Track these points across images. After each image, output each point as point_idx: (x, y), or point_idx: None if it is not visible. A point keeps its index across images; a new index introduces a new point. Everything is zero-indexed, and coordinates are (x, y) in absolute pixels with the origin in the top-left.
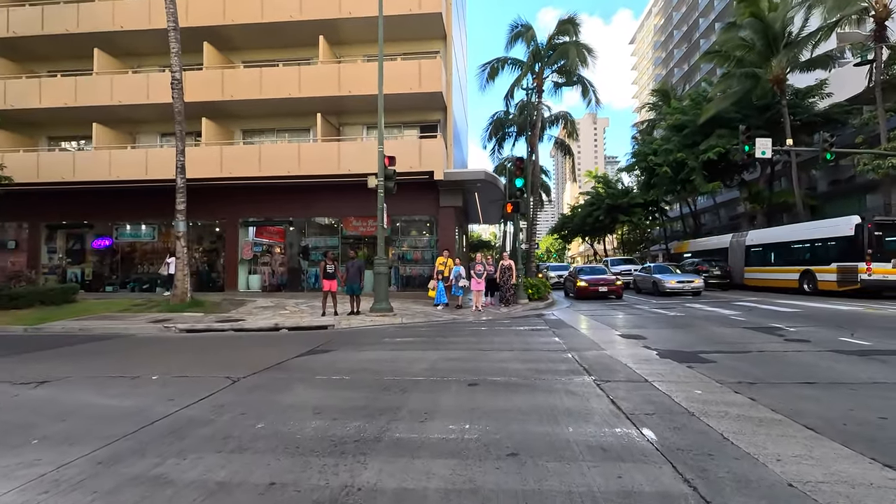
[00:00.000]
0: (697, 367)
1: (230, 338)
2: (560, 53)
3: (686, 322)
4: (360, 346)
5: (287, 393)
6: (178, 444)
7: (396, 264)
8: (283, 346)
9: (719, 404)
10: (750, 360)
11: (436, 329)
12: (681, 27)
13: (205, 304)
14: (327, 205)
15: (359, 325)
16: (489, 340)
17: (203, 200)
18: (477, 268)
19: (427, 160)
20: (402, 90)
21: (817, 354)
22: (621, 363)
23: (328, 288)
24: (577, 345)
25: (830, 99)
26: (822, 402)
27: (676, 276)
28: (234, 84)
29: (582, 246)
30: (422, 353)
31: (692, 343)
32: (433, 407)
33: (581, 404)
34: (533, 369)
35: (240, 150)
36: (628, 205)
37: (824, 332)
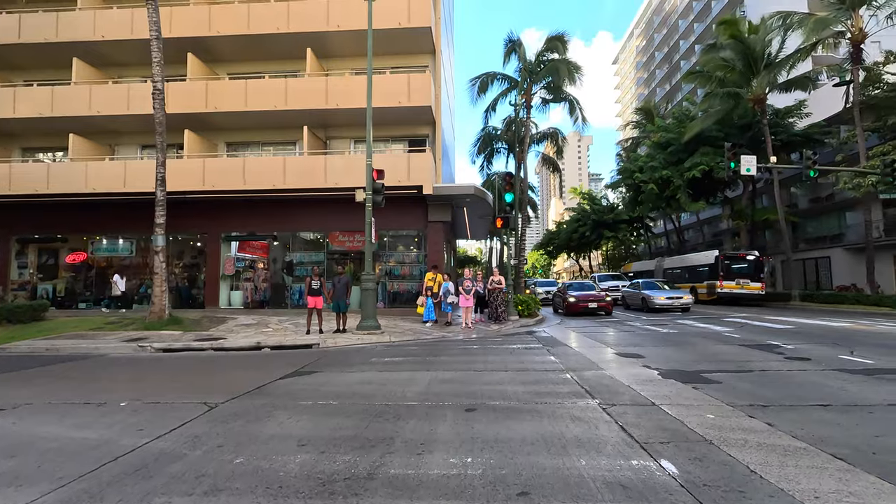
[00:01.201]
0: (703, 388)
1: (209, 358)
2: (548, 70)
3: (681, 339)
4: (347, 367)
5: (269, 421)
6: (144, 484)
7: (384, 280)
8: (266, 367)
9: (737, 430)
10: (755, 380)
11: (426, 347)
12: (662, 48)
13: (183, 321)
14: (313, 219)
15: (345, 344)
16: (483, 360)
17: (184, 214)
18: (466, 283)
19: (415, 174)
20: (391, 104)
21: (823, 374)
22: (624, 384)
23: (313, 305)
24: (575, 364)
25: (809, 119)
26: (844, 427)
27: (666, 291)
28: (219, 96)
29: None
30: (413, 373)
31: (692, 362)
32: (430, 436)
33: (590, 432)
34: (533, 392)
35: (223, 163)
36: (613, 221)
37: (823, 350)
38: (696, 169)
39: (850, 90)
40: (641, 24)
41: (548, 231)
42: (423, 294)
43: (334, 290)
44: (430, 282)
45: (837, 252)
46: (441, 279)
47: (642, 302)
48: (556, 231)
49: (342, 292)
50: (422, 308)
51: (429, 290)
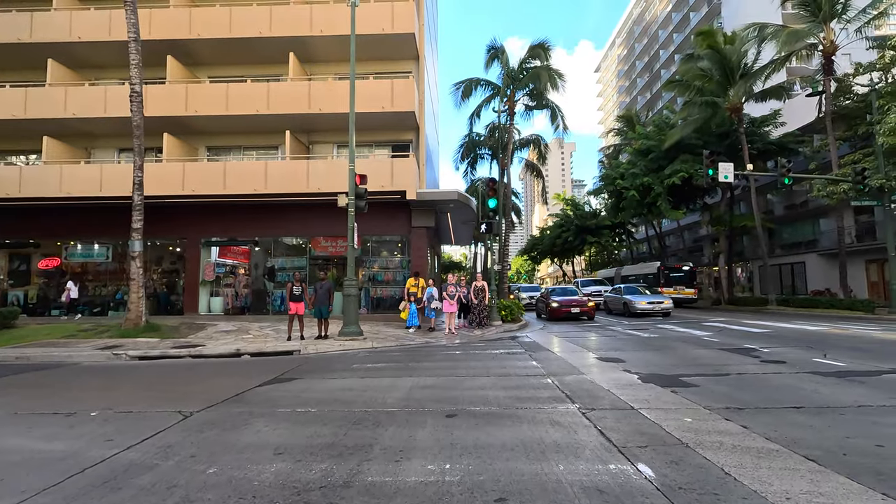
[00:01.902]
0: (682, 391)
1: (187, 366)
2: (531, 77)
3: (662, 344)
4: (328, 374)
5: (246, 430)
6: (111, 497)
7: (367, 286)
8: (245, 374)
9: (712, 433)
10: (732, 384)
11: (408, 353)
12: (643, 58)
13: (161, 328)
14: (295, 224)
15: (327, 351)
16: (465, 365)
17: (163, 219)
18: (450, 289)
19: (399, 180)
20: (374, 109)
21: (797, 376)
22: (604, 389)
23: (294, 311)
24: (556, 369)
25: (784, 128)
26: (816, 429)
27: (647, 296)
28: (199, 99)
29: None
30: (395, 380)
31: (671, 366)
32: (409, 443)
33: (569, 437)
34: (513, 397)
35: (203, 168)
36: (596, 226)
37: (797, 353)
38: (675, 176)
39: (822, 100)
40: (623, 33)
41: (532, 237)
42: (405, 300)
43: (316, 295)
44: (412, 287)
45: (812, 257)
46: (424, 284)
47: (624, 307)
48: (539, 237)
49: (324, 298)
50: (405, 313)
51: (412, 295)
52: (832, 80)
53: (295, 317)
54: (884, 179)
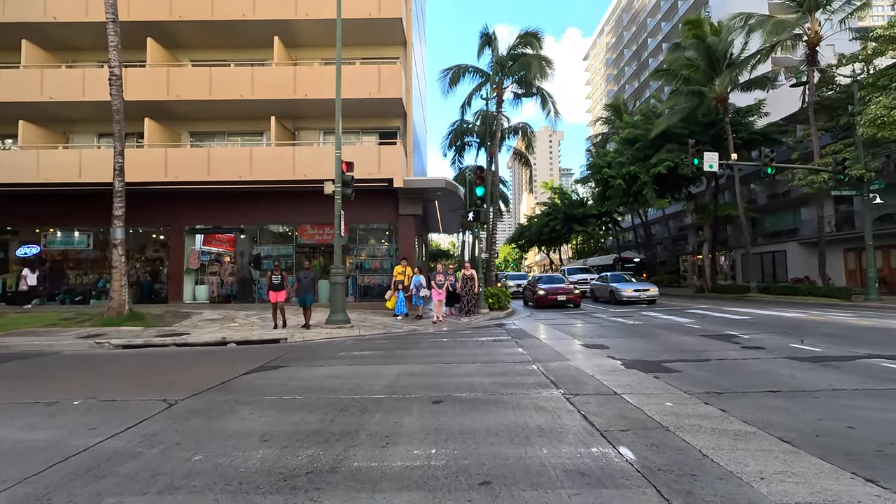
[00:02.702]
0: (664, 377)
1: (171, 354)
2: (521, 65)
3: (645, 331)
4: (315, 361)
5: (231, 417)
6: (95, 485)
7: (354, 274)
8: (231, 362)
9: (692, 417)
10: (712, 369)
11: (395, 341)
12: (631, 46)
13: (145, 317)
14: (281, 212)
15: (314, 339)
16: (452, 353)
17: (145, 206)
18: (438, 278)
19: (386, 167)
20: (361, 95)
21: (775, 362)
22: (588, 375)
23: (275, 300)
24: (542, 356)
25: (768, 118)
26: (791, 412)
27: (633, 284)
28: (181, 83)
29: (538, 255)
30: (382, 367)
31: (654, 352)
32: (395, 429)
33: (553, 421)
34: (499, 383)
35: (187, 154)
36: (583, 215)
37: (776, 339)
38: (661, 165)
39: (805, 91)
40: (611, 21)
41: (519, 225)
42: (391, 288)
43: (300, 284)
44: (399, 275)
45: (792, 246)
46: (410, 272)
47: (610, 294)
48: (527, 225)
49: (309, 287)
50: (391, 302)
51: (398, 283)
52: (816, 70)
53: (276, 305)
54: (863, 169)
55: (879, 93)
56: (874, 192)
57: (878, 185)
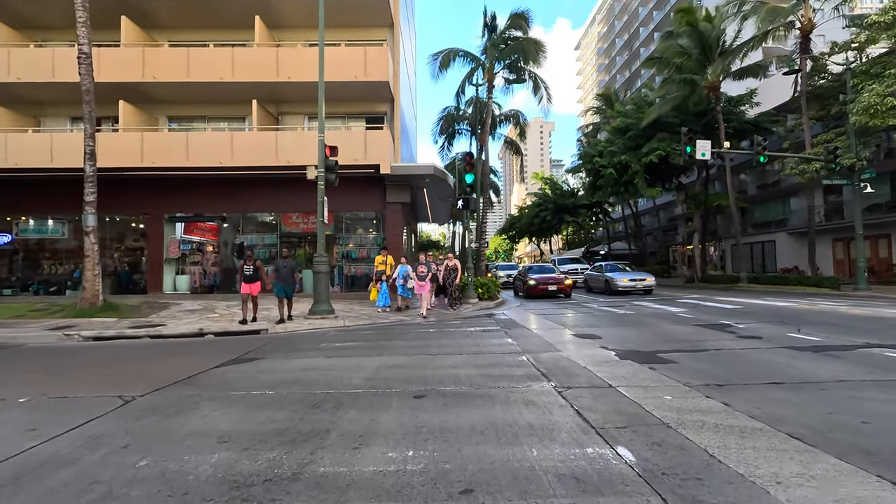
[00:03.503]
0: (660, 368)
1: (143, 346)
2: (513, 49)
3: (637, 320)
4: (293, 353)
5: (191, 415)
6: (15, 498)
7: (341, 263)
8: (205, 354)
9: (694, 412)
10: (710, 360)
11: (380, 332)
12: (622, 35)
13: (120, 307)
14: (265, 199)
15: (296, 330)
16: (438, 343)
17: (122, 193)
18: (420, 269)
19: (373, 153)
20: (346, 78)
21: (773, 351)
22: (580, 366)
23: (247, 291)
24: (532, 346)
25: (759, 108)
26: (798, 405)
27: (628, 274)
28: (157, 64)
29: (529, 246)
30: (363, 359)
31: (648, 342)
32: (370, 427)
33: (544, 418)
34: (486, 375)
35: (164, 138)
36: (574, 205)
37: (772, 328)
38: (653, 154)
39: (798, 79)
40: (603, 10)
41: (510, 216)
42: (374, 278)
43: (278, 274)
44: (380, 265)
45: (782, 236)
46: (392, 261)
47: (605, 284)
48: (518, 216)
49: (288, 276)
50: (375, 293)
51: (380, 273)
52: (808, 58)
53: (248, 297)
54: (854, 159)
55: (872, 81)
56: (865, 181)
57: (868, 175)
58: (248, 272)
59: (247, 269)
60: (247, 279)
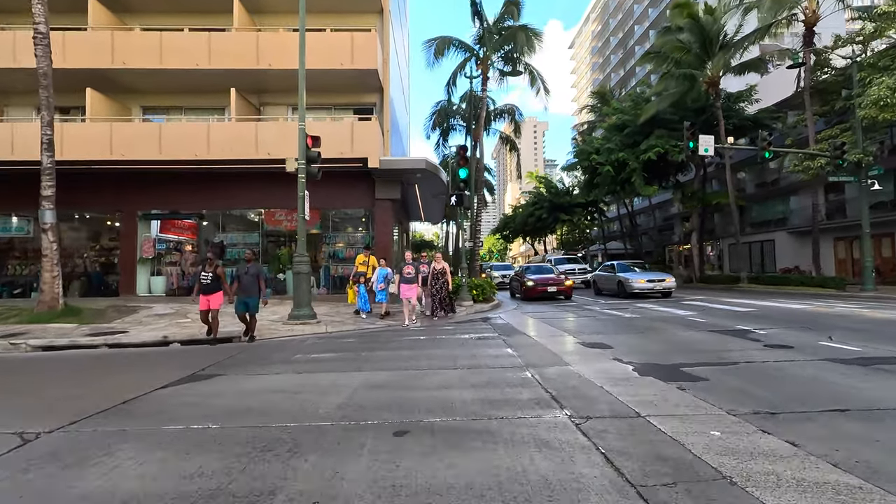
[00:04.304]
0: (690, 387)
1: (93, 358)
2: (507, 38)
3: (646, 325)
4: (261, 368)
5: (96, 467)
6: None
7: (327, 263)
8: (159, 368)
9: (757, 457)
10: (745, 376)
11: (365, 340)
12: (617, 34)
13: (83, 312)
14: (246, 196)
15: (272, 337)
16: (428, 354)
17: (91, 188)
18: (406, 270)
19: (360, 145)
20: (332, 65)
21: (814, 365)
22: (595, 385)
23: (206, 306)
24: (535, 358)
25: (758, 105)
26: (888, 445)
27: (645, 274)
28: (128, 50)
29: (523, 246)
30: (339, 375)
31: (666, 352)
32: (331, 487)
33: (564, 468)
34: (485, 400)
35: (135, 129)
36: (569, 204)
37: (798, 335)
38: (651, 151)
39: (801, 74)
40: (597, 8)
41: (504, 215)
42: (352, 280)
43: (239, 283)
44: (361, 266)
45: (781, 235)
46: (376, 262)
47: (618, 286)
48: (512, 215)
49: (252, 286)
50: (353, 296)
51: (360, 275)
52: (811, 52)
53: (208, 314)
54: (861, 154)
55: (881, 74)
56: (872, 177)
57: (876, 171)
58: (207, 280)
59: (204, 276)
60: (205, 289)
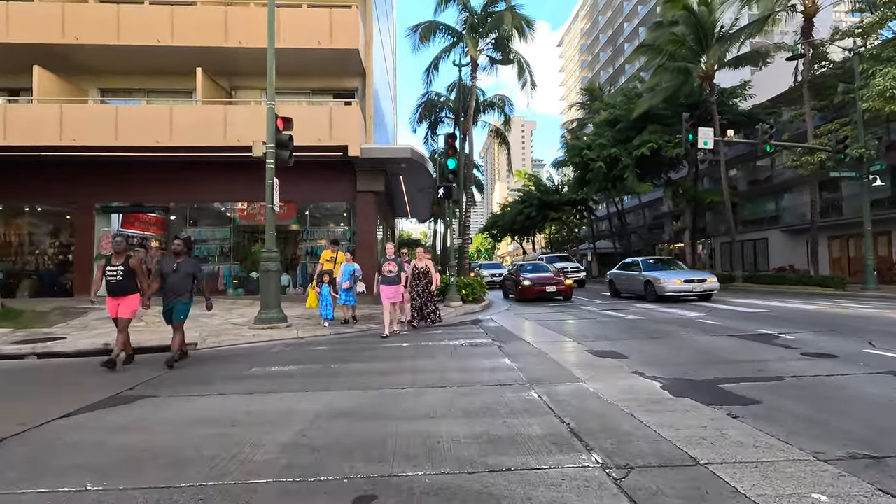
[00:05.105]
0: (744, 414)
1: (12, 372)
2: (496, 21)
3: (654, 329)
4: (205, 385)
5: None
6: None
7: (305, 261)
8: (81, 385)
9: None
10: (802, 396)
11: (338, 347)
12: (606, 31)
13: (21, 315)
14: (216, 187)
15: (232, 344)
16: (411, 367)
17: (44, 178)
18: (387, 268)
19: (340, 132)
20: (309, 44)
21: (877, 380)
22: (622, 411)
23: (113, 312)
24: (540, 372)
25: (752, 100)
26: None
27: (682, 272)
28: (81, 23)
29: (511, 245)
30: (298, 397)
31: (691, 363)
32: None
33: None
34: (483, 437)
35: (88, 112)
36: (559, 202)
37: (832, 341)
38: (645, 147)
39: (798, 67)
40: (586, 6)
41: (493, 214)
42: (315, 280)
43: (164, 281)
44: (327, 263)
45: (775, 234)
46: (344, 258)
47: (645, 287)
48: (500, 214)
49: (181, 286)
50: (311, 299)
51: (326, 274)
52: (810, 45)
53: (117, 324)
54: (863, 149)
55: (884, 65)
56: (874, 173)
57: (879, 166)
58: (115, 279)
59: (111, 271)
60: (114, 289)
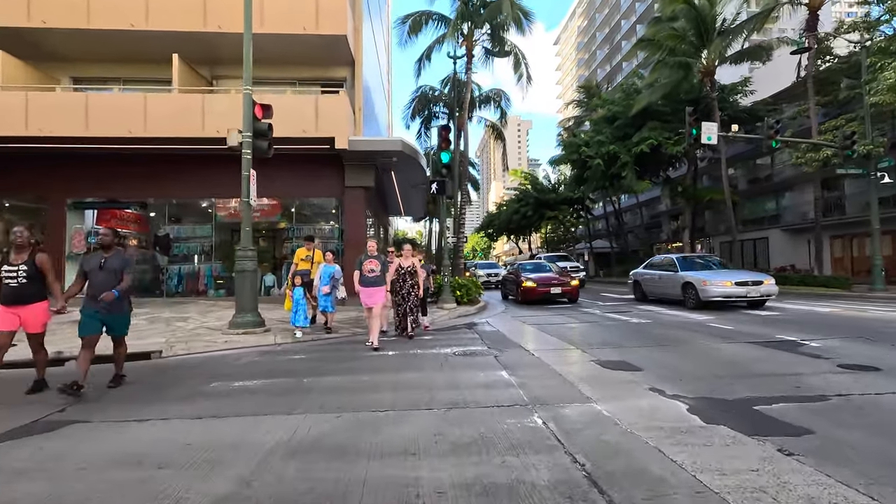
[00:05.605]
0: (798, 450)
1: None
2: (492, 10)
3: (664, 334)
4: (148, 405)
5: None
6: None
7: (289, 260)
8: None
9: None
10: (857, 423)
11: (316, 356)
12: (603, 29)
13: None
14: (196, 182)
15: (201, 351)
16: (393, 382)
17: (11, 172)
18: (368, 266)
19: (326, 123)
20: (294, 30)
21: None
22: (648, 445)
23: (8, 325)
24: (542, 389)
25: (753, 97)
26: None
27: (731, 274)
28: (48, 5)
29: (507, 244)
30: (258, 422)
31: (715, 378)
32: None
33: None
34: (475, 488)
35: (55, 100)
36: (555, 201)
37: (864, 349)
38: (644, 143)
39: (801, 62)
40: (583, 3)
41: (488, 213)
42: (290, 280)
43: (88, 280)
44: (302, 262)
45: (775, 233)
46: (321, 258)
47: (684, 290)
48: (496, 213)
49: (107, 283)
50: (289, 303)
51: (300, 275)
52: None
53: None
54: (871, 145)
55: (892, 59)
56: (882, 170)
57: (887, 163)
58: (16, 282)
59: (10, 271)
60: (13, 295)
